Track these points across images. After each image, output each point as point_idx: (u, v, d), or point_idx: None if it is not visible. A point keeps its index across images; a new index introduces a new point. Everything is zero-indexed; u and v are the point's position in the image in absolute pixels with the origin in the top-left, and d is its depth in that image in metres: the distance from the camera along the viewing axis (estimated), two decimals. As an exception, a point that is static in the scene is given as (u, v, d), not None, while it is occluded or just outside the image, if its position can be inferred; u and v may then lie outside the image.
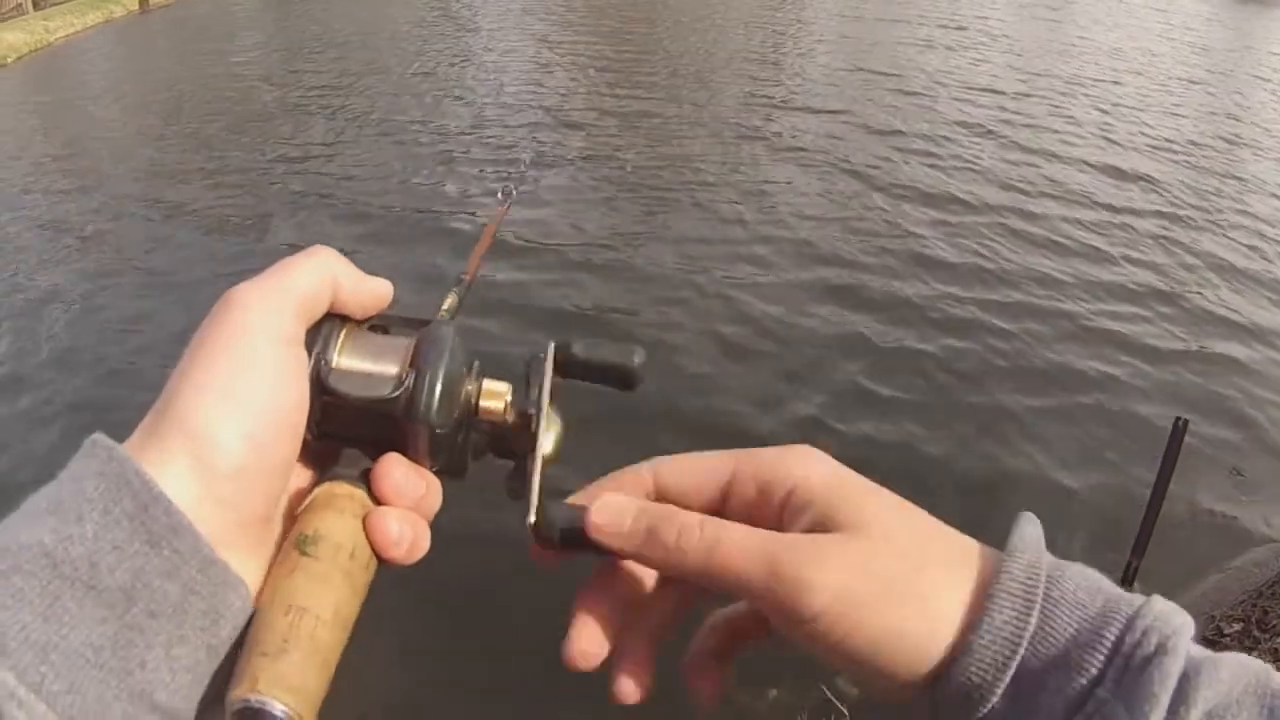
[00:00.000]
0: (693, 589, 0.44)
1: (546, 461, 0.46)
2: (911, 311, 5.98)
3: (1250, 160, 10.36)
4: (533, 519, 0.42)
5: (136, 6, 19.54)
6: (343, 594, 0.39)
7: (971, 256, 6.94)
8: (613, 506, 0.42)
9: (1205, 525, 4.24)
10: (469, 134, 9.63)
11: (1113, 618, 0.35)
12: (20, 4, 17.93)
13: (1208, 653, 0.35)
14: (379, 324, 0.45)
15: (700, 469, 0.43)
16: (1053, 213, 7.90)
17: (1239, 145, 10.91)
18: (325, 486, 0.42)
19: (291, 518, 0.41)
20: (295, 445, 0.40)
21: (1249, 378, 5.59)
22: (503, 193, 0.67)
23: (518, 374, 0.47)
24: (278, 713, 0.34)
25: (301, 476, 0.44)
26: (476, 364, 0.46)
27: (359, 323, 0.44)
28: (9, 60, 15.09)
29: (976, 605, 0.37)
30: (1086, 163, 9.35)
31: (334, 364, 0.43)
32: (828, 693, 3.25)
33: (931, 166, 8.75)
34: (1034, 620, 0.36)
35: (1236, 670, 0.34)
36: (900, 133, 9.82)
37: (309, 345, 0.42)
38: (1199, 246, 7.54)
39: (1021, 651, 0.36)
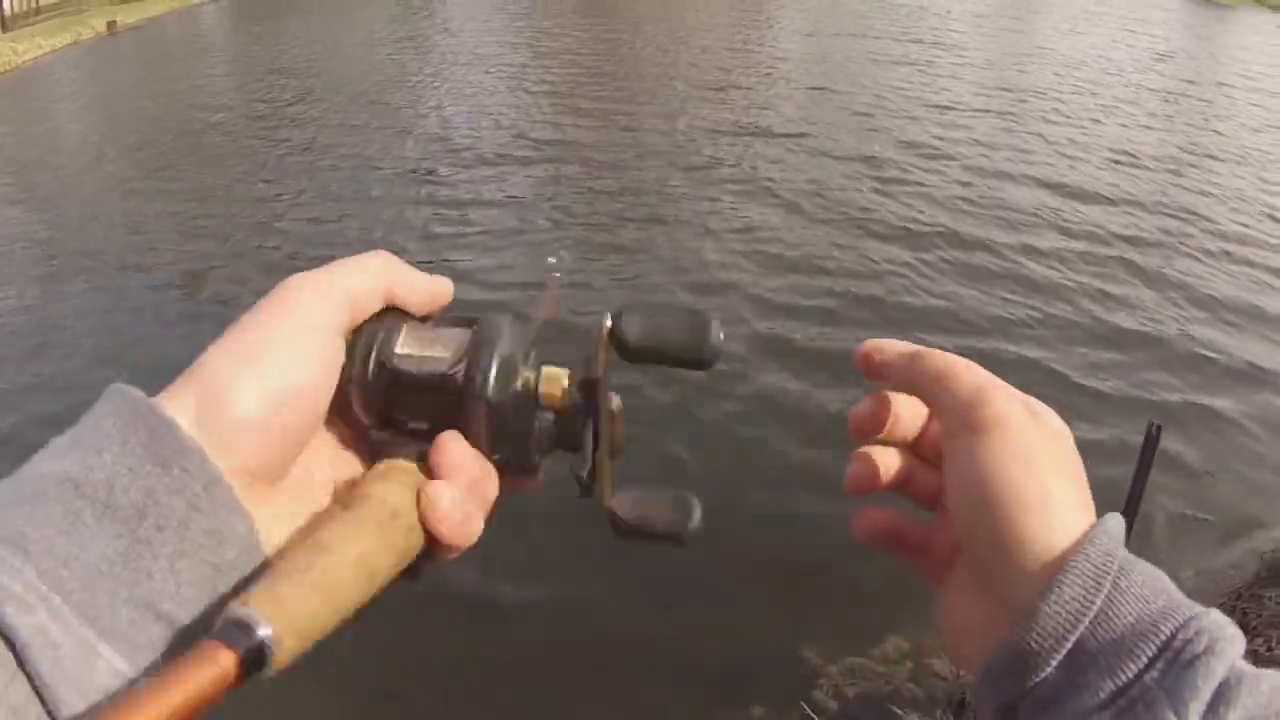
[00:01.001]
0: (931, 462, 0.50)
1: (614, 449, 0.47)
2: (882, 314, 6.04)
3: (1211, 170, 10.47)
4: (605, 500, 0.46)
5: (104, 29, 19.43)
6: (373, 543, 0.39)
7: (930, 272, 7.00)
8: (886, 342, 0.50)
9: (1181, 529, 4.26)
10: (417, 171, 9.46)
11: (1171, 615, 0.37)
12: (-14, 27, 17.77)
13: (1252, 668, 0.37)
14: (441, 321, 0.47)
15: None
16: (1016, 227, 7.97)
17: (1199, 155, 11.04)
18: (382, 463, 0.43)
19: None
20: (308, 418, 0.42)
21: (1219, 382, 5.65)
22: (554, 259, 0.66)
23: (576, 364, 0.47)
24: (259, 630, 0.33)
25: (355, 468, 0.46)
26: (534, 352, 0.46)
27: (420, 319, 0.46)
28: (-26, 84, 14.94)
29: (1053, 572, 0.39)
30: (1046, 179, 9.40)
31: (396, 351, 0.44)
32: (807, 708, 3.24)
33: (886, 195, 8.64)
34: (1099, 602, 0.38)
35: (1277, 684, 0.36)
36: (858, 158, 9.76)
37: (363, 339, 0.44)
38: (1166, 257, 7.63)
39: (1081, 628, 0.38)
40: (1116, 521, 0.42)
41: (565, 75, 13.95)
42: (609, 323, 0.45)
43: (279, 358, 0.41)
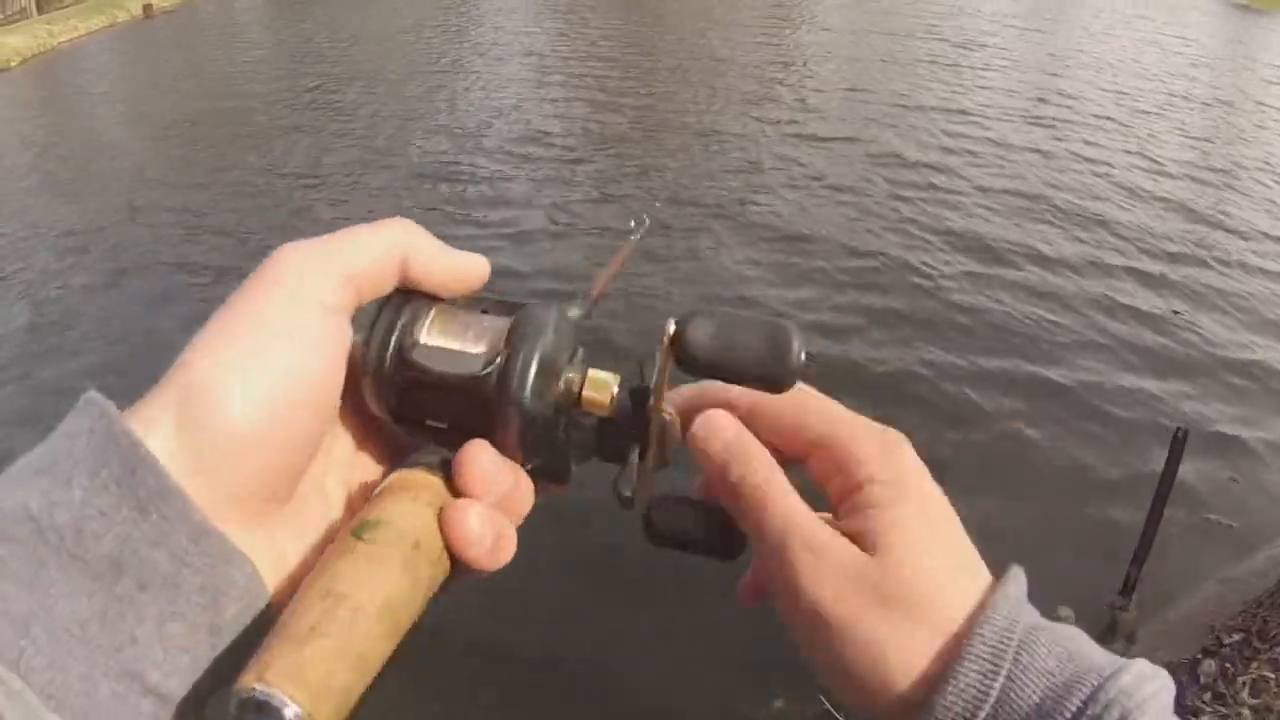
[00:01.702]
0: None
1: (660, 450, 0.43)
2: (913, 329, 6.02)
3: (1242, 181, 10.23)
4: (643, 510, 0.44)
5: (140, 12, 19.58)
6: (399, 585, 0.33)
7: (951, 283, 6.95)
8: (714, 426, 0.43)
9: (1205, 535, 4.24)
10: (444, 165, 9.37)
11: (1077, 688, 0.35)
12: (24, 7, 17.97)
13: None
14: (476, 306, 0.41)
15: (803, 423, 0.43)
16: (1043, 232, 7.88)
17: (1230, 165, 10.76)
18: (398, 474, 0.37)
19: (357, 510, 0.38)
20: (319, 421, 0.36)
21: (1247, 389, 5.61)
22: (635, 221, 0.61)
23: (630, 371, 0.43)
24: (286, 711, 0.28)
25: (371, 469, 0.41)
26: (581, 351, 0.41)
27: (452, 302, 0.40)
28: (12, 64, 15.11)
29: (946, 661, 0.36)
30: (1074, 187, 9.22)
31: (420, 340, 0.39)
32: (827, 703, 3.26)
33: (910, 202, 8.41)
34: (998, 685, 0.35)
35: None
36: (884, 165, 9.53)
37: (382, 321, 0.39)
38: (1194, 268, 7.50)
39: (982, 716, 0.35)
40: (1016, 585, 0.39)
41: (594, 69, 13.90)
42: (672, 329, 0.40)
43: (276, 349, 0.34)
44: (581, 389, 0.41)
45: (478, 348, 0.39)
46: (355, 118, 11.05)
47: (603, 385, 0.41)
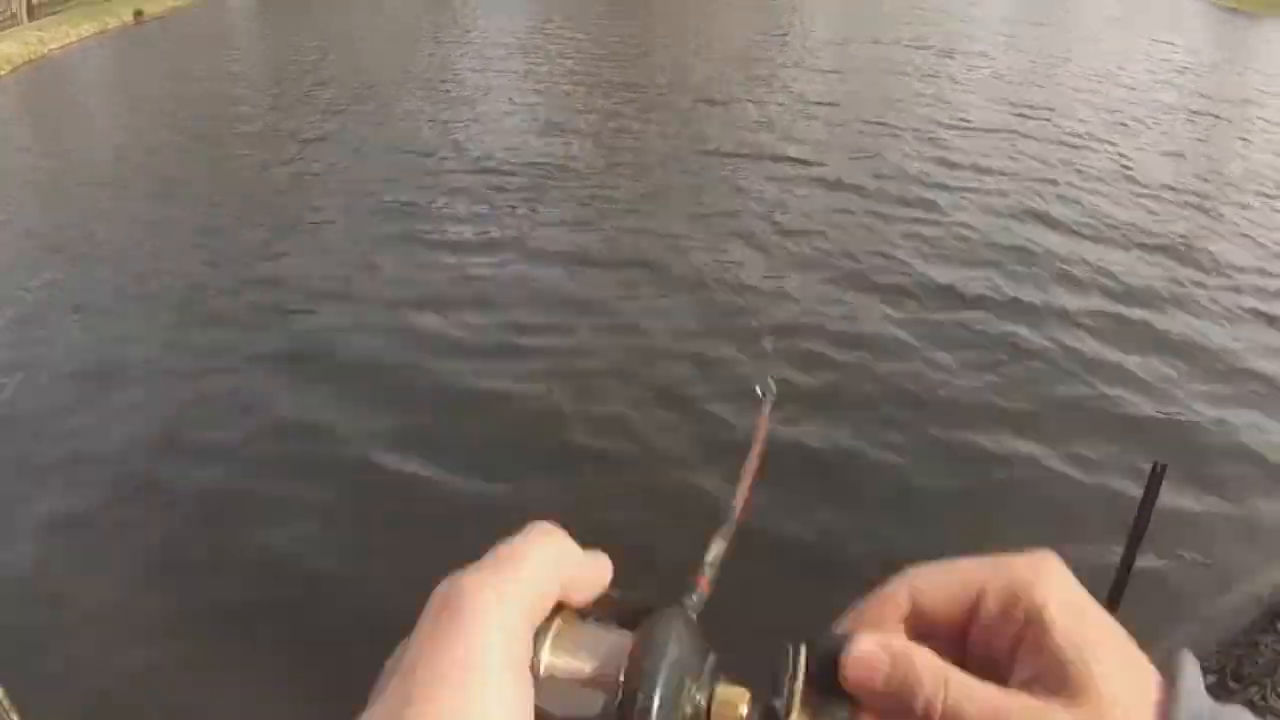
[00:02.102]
0: None
1: None
2: (891, 365, 6.08)
3: (1228, 198, 10.22)
4: None
5: (131, 18, 19.54)
6: None
7: (924, 333, 6.88)
8: (866, 660, 0.39)
9: (1181, 572, 4.28)
10: (410, 196, 9.20)
11: None
12: (14, 14, 17.92)
13: None
14: (597, 611, 0.38)
15: (952, 584, 0.41)
16: (1025, 262, 7.92)
17: (1217, 181, 10.77)
18: None
19: None
20: None
21: (1224, 424, 5.64)
22: (762, 390, 0.52)
23: (761, 676, 0.39)
24: None
25: None
26: (712, 659, 0.38)
27: (573, 610, 0.37)
28: (3, 71, 15.08)
29: None
30: (1049, 215, 9.21)
31: (544, 659, 0.35)
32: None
33: (883, 237, 8.45)
34: None
35: None
36: (859, 193, 9.55)
37: None
38: (1175, 301, 7.50)
39: None
40: (1195, 678, 0.37)
41: (575, 89, 13.92)
42: (805, 651, 0.38)
43: None
44: (710, 706, 0.37)
45: (597, 681, 0.35)
46: (337, 139, 11.05)
47: (730, 705, 0.37)
